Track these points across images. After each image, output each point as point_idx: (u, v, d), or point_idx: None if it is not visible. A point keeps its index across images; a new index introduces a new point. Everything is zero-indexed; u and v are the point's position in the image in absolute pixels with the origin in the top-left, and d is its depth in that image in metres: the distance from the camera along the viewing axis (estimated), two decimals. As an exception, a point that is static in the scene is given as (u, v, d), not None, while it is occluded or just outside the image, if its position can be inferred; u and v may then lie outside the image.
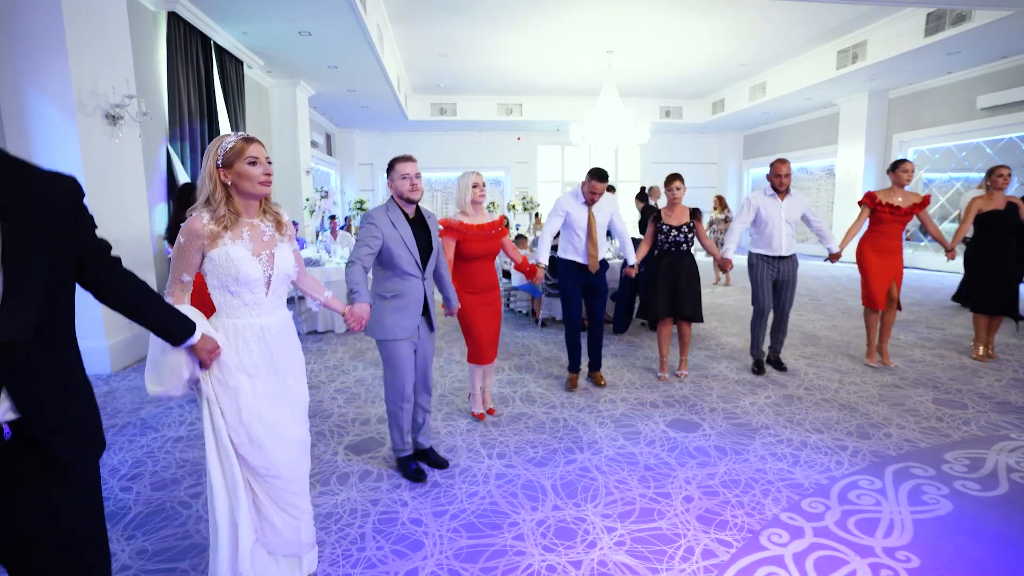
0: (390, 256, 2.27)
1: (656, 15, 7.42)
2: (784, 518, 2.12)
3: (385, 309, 2.30)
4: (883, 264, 3.88)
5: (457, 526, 2.10)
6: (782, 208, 3.74)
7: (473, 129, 13.84)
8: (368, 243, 2.23)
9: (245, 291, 1.57)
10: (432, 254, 2.39)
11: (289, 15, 5.97)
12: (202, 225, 1.52)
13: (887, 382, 3.72)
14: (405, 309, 2.32)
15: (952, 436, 2.85)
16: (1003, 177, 3.92)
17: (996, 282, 3.98)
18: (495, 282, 3.02)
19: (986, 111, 8.47)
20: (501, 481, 2.43)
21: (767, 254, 3.79)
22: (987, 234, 4.03)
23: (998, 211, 3.92)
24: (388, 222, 2.27)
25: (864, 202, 3.93)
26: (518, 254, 3.20)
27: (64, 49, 3.71)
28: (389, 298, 2.31)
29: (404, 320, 2.32)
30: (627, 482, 2.42)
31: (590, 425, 3.05)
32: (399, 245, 2.27)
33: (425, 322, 2.43)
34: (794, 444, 2.78)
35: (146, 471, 2.54)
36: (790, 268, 3.81)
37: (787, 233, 3.75)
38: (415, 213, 2.37)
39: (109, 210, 4.14)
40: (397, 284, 2.32)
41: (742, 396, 3.49)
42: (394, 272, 2.31)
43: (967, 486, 2.34)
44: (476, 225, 2.84)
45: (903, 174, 3.82)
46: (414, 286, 2.33)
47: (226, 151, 1.54)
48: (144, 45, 5.32)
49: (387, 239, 2.25)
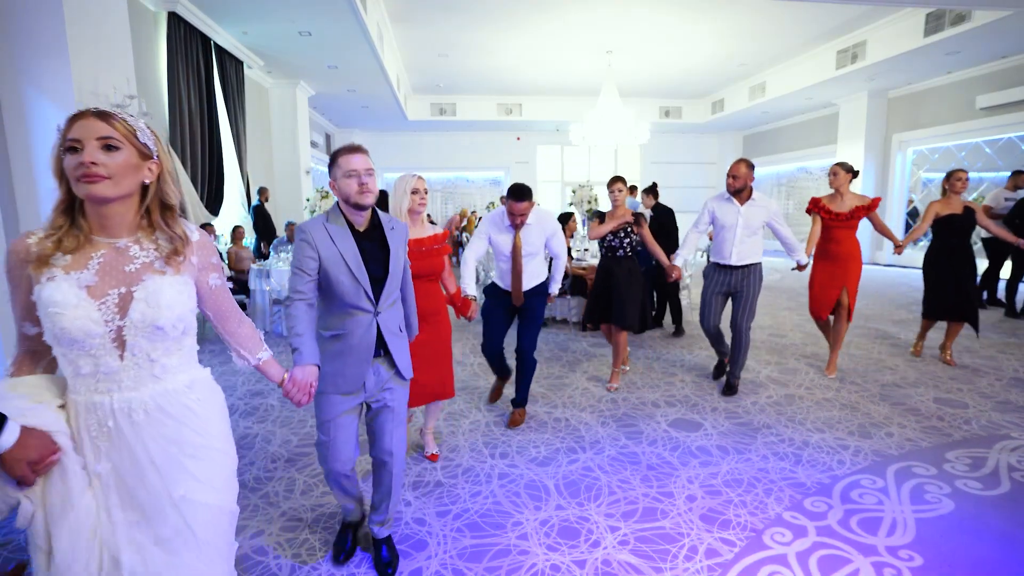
0: (328, 284, 1.66)
1: (656, 15, 7.43)
2: (787, 517, 2.13)
3: (323, 352, 1.67)
4: (831, 272, 3.71)
5: (461, 526, 2.10)
6: (740, 213, 3.38)
7: (473, 129, 13.84)
8: (304, 268, 1.63)
9: (75, 354, 1.05)
10: (391, 279, 1.73)
11: (289, 15, 5.97)
12: (26, 244, 1.03)
13: (888, 382, 3.73)
14: (347, 354, 1.70)
15: (953, 435, 2.86)
16: (961, 181, 3.88)
17: (951, 287, 3.92)
18: (440, 305, 2.51)
19: (985, 111, 8.49)
20: (504, 481, 2.44)
21: (719, 262, 3.47)
22: (944, 239, 3.97)
23: (955, 215, 3.88)
24: (326, 238, 1.64)
25: (810, 209, 3.80)
26: (453, 281, 2.68)
27: (65, 49, 3.70)
28: (328, 337, 1.71)
29: (345, 368, 1.70)
30: (630, 481, 2.42)
31: (592, 425, 3.06)
32: (339, 269, 1.64)
33: (386, 368, 1.80)
34: (796, 443, 2.79)
35: (149, 471, 2.54)
36: (745, 280, 3.40)
37: (743, 241, 3.37)
38: (367, 224, 1.72)
39: (110, 210, 4.13)
40: (338, 320, 1.71)
41: (744, 396, 3.49)
42: (334, 305, 1.70)
43: (969, 485, 2.34)
44: (414, 239, 2.30)
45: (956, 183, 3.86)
46: (360, 323, 1.69)
47: (60, 131, 1.03)
48: (145, 45, 5.32)
49: (324, 261, 1.64)
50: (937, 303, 4.01)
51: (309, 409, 3.31)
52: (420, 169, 15.06)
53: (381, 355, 1.77)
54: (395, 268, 1.74)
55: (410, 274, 1.94)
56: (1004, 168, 8.72)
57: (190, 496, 1.11)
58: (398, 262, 1.77)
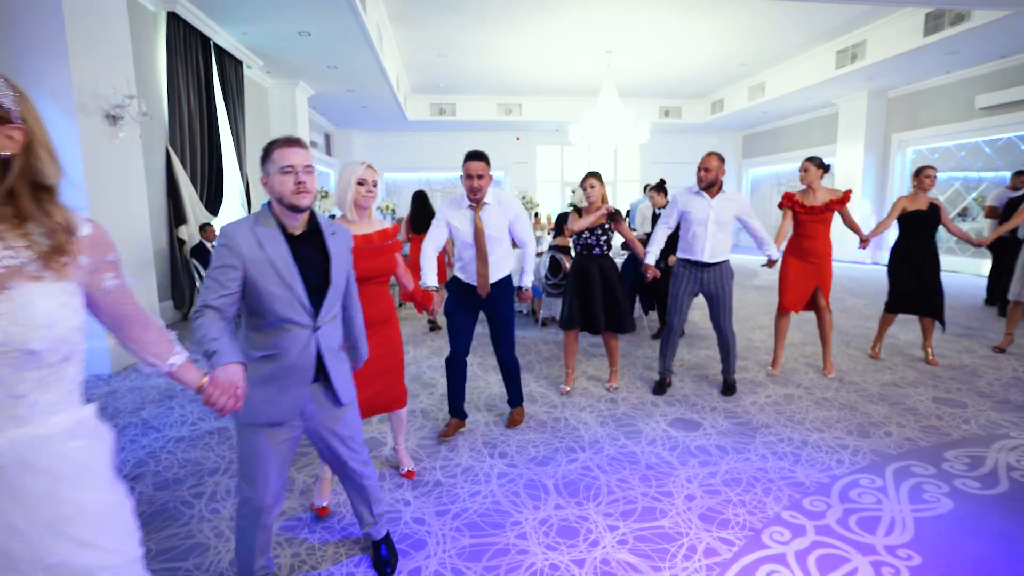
0: (256, 295, 1.44)
1: (656, 15, 7.43)
2: (786, 516, 2.13)
3: (252, 376, 1.45)
4: (804, 270, 3.67)
5: (460, 525, 2.10)
6: (711, 207, 3.30)
7: (472, 129, 13.83)
8: (220, 278, 1.41)
9: None
10: (333, 289, 1.54)
11: (289, 15, 5.98)
12: None
13: (887, 381, 3.73)
14: (282, 377, 1.49)
15: (952, 435, 2.86)
16: (930, 178, 3.89)
17: (916, 282, 3.96)
18: (391, 312, 2.24)
19: (985, 111, 8.50)
20: (503, 480, 2.44)
21: (690, 259, 3.37)
22: (909, 234, 3.99)
23: (920, 211, 3.90)
24: (252, 242, 1.43)
25: (783, 204, 3.76)
26: (410, 278, 2.43)
27: (65, 50, 3.71)
28: (257, 359, 1.49)
29: (280, 394, 1.49)
30: (629, 481, 2.42)
31: (591, 424, 3.06)
32: (269, 278, 1.44)
33: (324, 394, 1.60)
34: (795, 443, 2.79)
35: (148, 471, 2.55)
36: (717, 278, 3.33)
37: (715, 237, 3.30)
38: (304, 227, 1.54)
39: (110, 211, 4.13)
40: (269, 338, 1.48)
41: (743, 395, 3.49)
42: (265, 320, 1.48)
43: (967, 484, 2.35)
44: (361, 236, 2.07)
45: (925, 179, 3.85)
46: (296, 340, 1.49)
47: None
48: (144, 45, 5.32)
49: (250, 269, 1.42)
50: (901, 297, 4.04)
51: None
52: (420, 169, 15.10)
53: (319, 379, 1.57)
54: (337, 277, 1.55)
55: (356, 289, 1.74)
56: (1004, 168, 8.72)
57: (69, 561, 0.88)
58: (341, 270, 1.57)
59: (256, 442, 1.52)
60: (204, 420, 3.14)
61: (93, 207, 3.93)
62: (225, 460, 2.65)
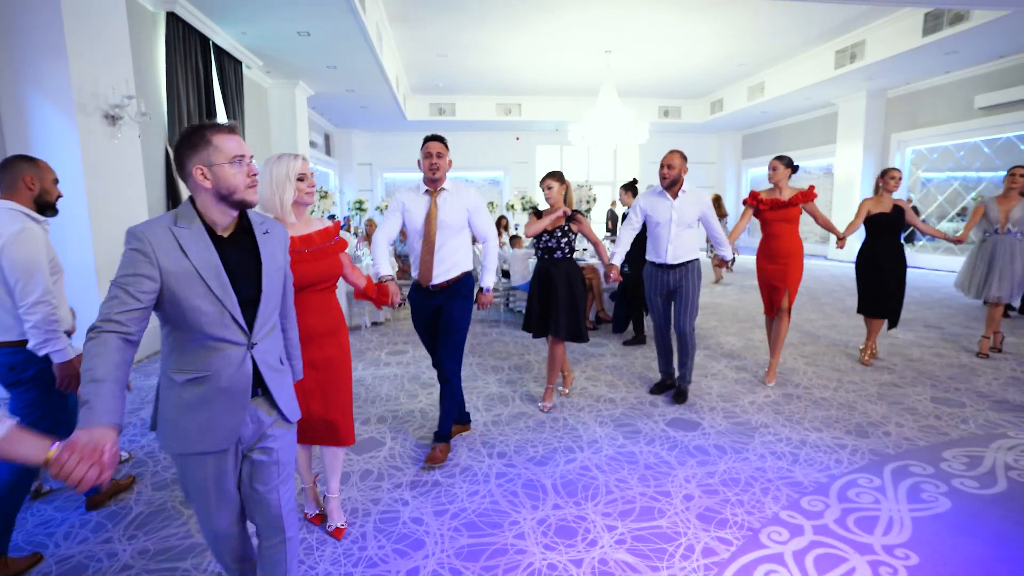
0: (178, 311, 1.22)
1: (655, 15, 7.43)
2: (784, 516, 2.13)
3: (180, 401, 1.27)
4: (772, 271, 3.60)
5: (458, 525, 2.10)
6: (673, 208, 3.24)
7: (472, 129, 13.84)
8: (128, 288, 1.17)
9: None
10: (267, 299, 1.33)
11: (288, 15, 5.98)
12: None
13: (886, 381, 3.73)
14: (215, 401, 1.28)
15: (950, 434, 2.87)
16: (895, 180, 3.91)
17: (879, 285, 3.98)
18: (339, 322, 1.99)
19: (984, 111, 8.50)
20: (502, 480, 2.44)
21: (655, 261, 3.33)
22: (874, 236, 4.00)
23: (884, 213, 3.92)
24: (172, 246, 1.21)
25: (747, 202, 3.68)
26: (360, 275, 2.20)
27: (64, 50, 3.71)
28: (184, 383, 1.27)
29: (214, 419, 1.28)
30: (627, 481, 2.42)
31: (590, 424, 3.06)
32: (195, 290, 1.21)
33: (267, 411, 1.39)
34: (793, 443, 2.79)
35: (147, 472, 2.55)
36: (684, 279, 3.27)
37: (679, 237, 3.24)
38: (234, 227, 1.32)
39: (109, 211, 4.14)
40: (197, 359, 1.26)
41: (741, 395, 3.50)
42: (190, 338, 1.25)
43: (965, 484, 2.35)
44: (300, 237, 1.86)
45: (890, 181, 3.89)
46: (230, 360, 1.28)
47: None
48: (143, 46, 5.32)
49: (169, 280, 1.19)
50: (871, 300, 4.05)
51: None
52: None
53: (259, 394, 1.37)
54: (271, 285, 1.34)
55: (292, 297, 1.54)
56: (1002, 168, 8.73)
57: None
58: (275, 277, 1.36)
59: (194, 472, 1.32)
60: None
61: (92, 207, 3.93)
62: (224, 460, 2.65)
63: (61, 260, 4.08)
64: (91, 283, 3.95)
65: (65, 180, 3.84)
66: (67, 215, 3.88)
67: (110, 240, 4.12)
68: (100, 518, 2.16)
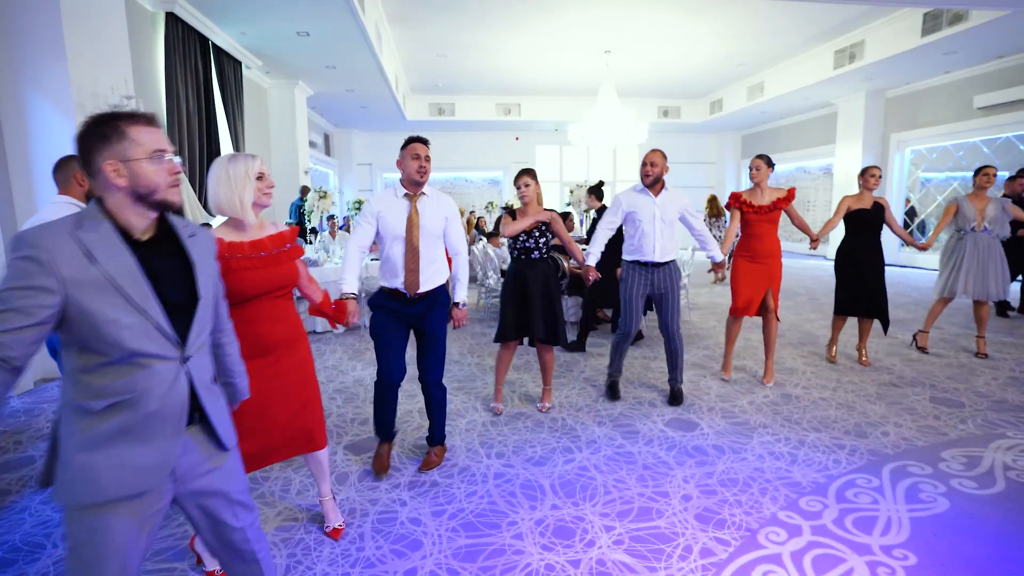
0: (91, 327, 1.02)
1: (655, 15, 7.43)
2: (782, 516, 2.13)
3: (95, 435, 1.05)
4: (755, 271, 3.58)
5: (456, 525, 2.10)
6: (656, 206, 3.22)
7: (472, 129, 13.85)
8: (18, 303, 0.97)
9: None
10: (203, 307, 1.17)
11: (287, 15, 5.98)
12: None
13: (884, 381, 3.73)
14: (140, 431, 1.08)
15: (949, 434, 2.87)
16: (875, 178, 3.90)
17: (860, 283, 3.95)
18: (299, 331, 1.88)
19: (983, 111, 8.50)
20: (500, 480, 2.44)
21: (640, 260, 3.25)
22: (855, 234, 3.98)
23: (865, 210, 3.91)
24: (76, 254, 1.01)
25: (731, 204, 3.68)
26: (316, 288, 2.04)
27: (63, 50, 3.71)
28: (100, 411, 1.05)
29: (137, 454, 1.07)
30: (625, 481, 2.42)
31: (588, 424, 3.06)
32: (108, 300, 1.03)
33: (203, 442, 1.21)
34: (792, 443, 2.79)
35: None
36: (668, 278, 3.25)
37: (663, 235, 3.22)
38: (154, 230, 1.15)
39: (107, 211, 4.13)
40: (116, 380, 1.05)
41: (740, 395, 3.49)
42: (107, 358, 1.05)
43: (964, 484, 2.35)
44: (249, 242, 1.72)
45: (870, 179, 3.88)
46: (160, 378, 1.09)
47: None
48: (142, 46, 5.33)
49: (75, 292, 1.00)
50: (848, 298, 4.02)
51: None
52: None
53: (196, 420, 1.18)
54: (207, 289, 1.19)
55: (227, 309, 1.39)
56: (1002, 168, 8.73)
57: None
58: (209, 281, 1.21)
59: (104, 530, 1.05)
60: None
61: (91, 207, 3.93)
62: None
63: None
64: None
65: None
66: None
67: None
68: (98, 518, 2.16)
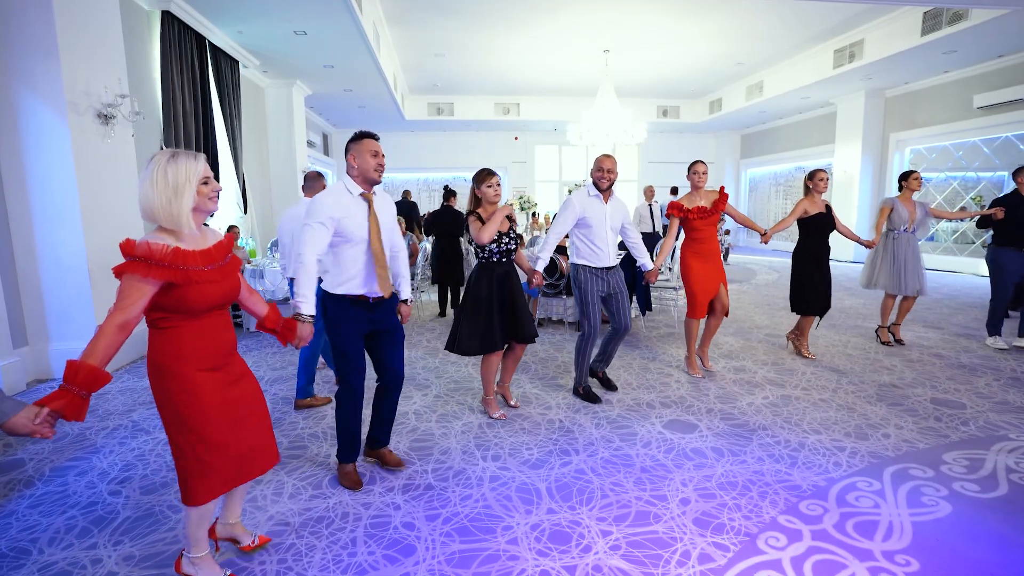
0: None
1: (654, 15, 7.41)
2: (782, 521, 2.10)
3: None
4: (707, 270, 3.70)
5: (450, 530, 2.06)
6: (607, 212, 3.24)
7: (470, 129, 13.82)
8: None
9: None
10: None
11: (284, 15, 5.95)
12: None
13: (885, 382, 3.70)
14: None
15: (951, 436, 2.83)
16: (824, 181, 4.03)
17: (824, 283, 4.09)
18: (234, 343, 1.75)
19: (982, 110, 8.48)
20: (495, 484, 2.40)
21: (594, 265, 3.25)
22: (812, 237, 4.08)
23: (820, 214, 4.03)
24: None
25: (672, 213, 3.74)
26: (260, 302, 1.88)
27: (55, 48, 3.67)
28: None
29: None
30: (623, 484, 2.39)
31: (586, 426, 3.02)
32: None
33: None
34: (792, 445, 2.76)
35: (136, 474, 2.51)
36: (619, 279, 3.34)
37: (613, 241, 3.29)
38: None
39: (103, 211, 4.10)
40: None
41: (739, 396, 3.46)
42: None
43: (966, 487, 2.31)
44: (200, 252, 1.57)
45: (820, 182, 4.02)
46: None
47: None
48: (138, 44, 5.29)
49: None
50: (811, 299, 4.11)
51: (303, 410, 3.27)
52: (418, 170, 15.03)
53: None
54: None
55: None
56: (1002, 167, 8.71)
57: None
58: None
59: None
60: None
61: (85, 208, 3.89)
62: (214, 463, 2.61)
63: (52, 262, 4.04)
64: (84, 285, 3.91)
65: (57, 180, 3.83)
66: (59, 216, 3.87)
67: (103, 242, 4.08)
68: (86, 523, 2.12)
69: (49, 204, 3.83)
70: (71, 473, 2.52)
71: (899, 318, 4.66)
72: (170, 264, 1.47)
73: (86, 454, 2.71)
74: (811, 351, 4.34)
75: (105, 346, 1.41)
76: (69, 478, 2.47)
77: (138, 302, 1.46)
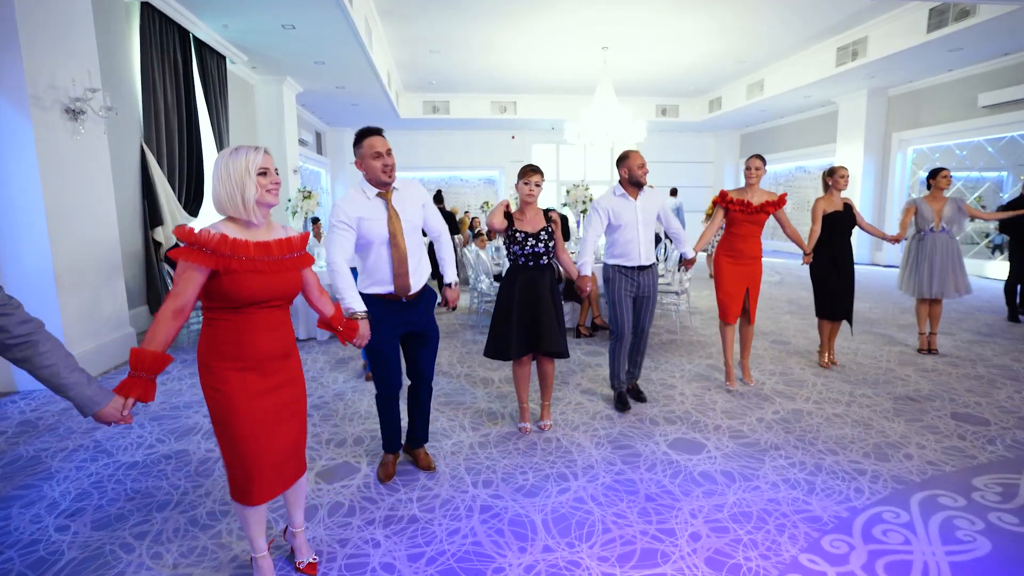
0: None
1: (653, 12, 7.20)
2: (804, 560, 1.89)
3: None
4: (737, 272, 3.51)
5: (434, 572, 1.84)
6: (637, 209, 3.15)
7: (467, 127, 13.59)
8: None
9: None
10: None
11: (271, 7, 5.71)
12: None
13: (900, 394, 3.50)
14: None
15: (978, 457, 2.63)
16: (844, 178, 3.86)
17: (841, 286, 3.90)
18: (291, 344, 1.69)
19: (987, 109, 8.31)
20: (486, 515, 2.19)
21: (626, 265, 3.17)
22: (831, 237, 3.89)
23: (839, 212, 3.85)
24: None
25: (717, 201, 3.61)
26: (328, 302, 1.87)
27: (16, 36, 3.43)
28: None
29: None
30: (626, 516, 2.17)
31: (585, 446, 2.81)
32: None
33: None
34: (808, 468, 2.55)
35: (89, 505, 2.27)
36: (650, 281, 3.21)
37: (646, 238, 3.17)
38: None
39: (72, 211, 3.86)
40: None
41: (748, 411, 3.25)
42: None
43: (1004, 519, 2.11)
44: (258, 244, 1.55)
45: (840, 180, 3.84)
46: None
47: None
48: (115, 37, 5.04)
49: None
50: (832, 303, 3.92)
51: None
52: (413, 169, 14.76)
53: None
54: None
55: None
56: (1006, 167, 8.55)
57: None
58: None
59: None
60: (163, 442, 2.88)
61: (50, 209, 3.65)
62: (178, 491, 2.38)
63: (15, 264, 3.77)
64: (50, 291, 3.67)
65: (19, 179, 3.58)
66: (22, 217, 3.62)
67: (71, 243, 3.84)
68: (22, 567, 1.89)
69: (10, 204, 3.58)
70: (16, 504, 2.28)
71: (933, 326, 4.38)
72: (214, 250, 1.47)
73: (37, 480, 2.47)
74: (826, 360, 4.08)
75: (163, 332, 1.46)
76: (13, 511, 2.23)
77: (188, 287, 1.47)
